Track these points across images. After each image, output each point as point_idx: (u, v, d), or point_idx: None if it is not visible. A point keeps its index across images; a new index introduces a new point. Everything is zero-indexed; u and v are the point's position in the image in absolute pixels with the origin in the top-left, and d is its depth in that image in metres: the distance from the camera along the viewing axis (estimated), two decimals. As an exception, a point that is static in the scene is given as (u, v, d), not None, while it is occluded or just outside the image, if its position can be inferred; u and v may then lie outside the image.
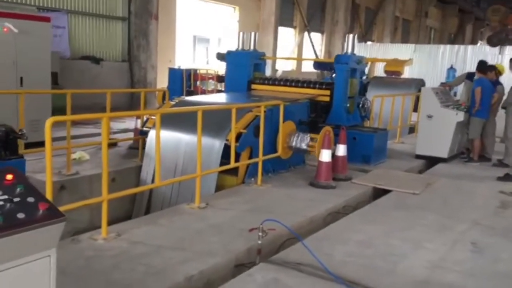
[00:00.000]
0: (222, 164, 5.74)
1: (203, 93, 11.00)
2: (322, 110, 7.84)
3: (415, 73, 20.65)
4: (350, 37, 8.07)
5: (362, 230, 4.64)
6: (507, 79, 8.59)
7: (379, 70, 15.39)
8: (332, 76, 8.50)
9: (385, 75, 13.13)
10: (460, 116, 8.05)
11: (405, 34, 33.06)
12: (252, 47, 8.61)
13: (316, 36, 24.38)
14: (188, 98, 7.63)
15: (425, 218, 5.13)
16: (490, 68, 8.45)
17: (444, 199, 5.92)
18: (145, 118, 7.31)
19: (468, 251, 4.25)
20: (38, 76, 7.84)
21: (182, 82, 10.93)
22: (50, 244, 1.97)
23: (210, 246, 3.99)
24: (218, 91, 10.82)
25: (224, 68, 8.99)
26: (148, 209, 6.21)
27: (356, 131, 7.66)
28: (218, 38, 18.59)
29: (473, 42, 37.36)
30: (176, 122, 6.12)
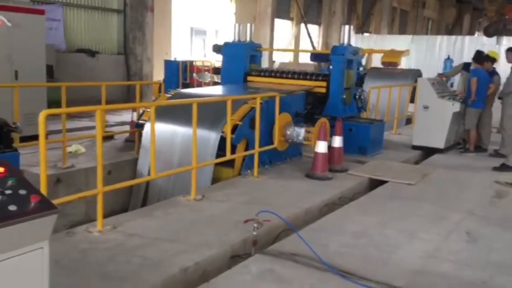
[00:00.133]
0: (218, 156, 5.75)
1: (199, 85, 10.96)
2: (319, 102, 7.83)
3: (413, 64, 20.64)
4: (346, 28, 8.02)
5: (357, 221, 4.65)
6: (504, 70, 8.55)
7: (377, 61, 15.36)
8: (329, 67, 8.48)
9: (382, 66, 13.11)
10: (456, 106, 8.05)
11: (402, 25, 32.99)
12: (248, 39, 8.58)
13: (313, 28, 24.29)
14: (183, 91, 7.61)
15: (420, 208, 5.15)
16: (486, 58, 8.43)
17: (439, 190, 5.93)
18: (141, 110, 7.29)
19: (462, 241, 4.27)
20: (33, 69, 7.80)
21: (178, 74, 10.90)
22: (42, 236, 1.98)
23: (205, 238, 4.00)
24: (215, 83, 10.78)
25: (220, 60, 8.96)
26: (144, 202, 6.22)
27: (352, 122, 7.67)
28: (215, 30, 18.51)
29: (470, 33, 37.28)
30: (172, 114, 6.11)
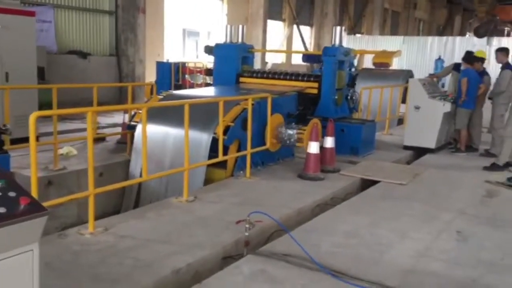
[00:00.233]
0: (210, 157, 5.75)
1: (192, 86, 10.95)
2: (310, 103, 7.86)
3: (404, 64, 20.75)
4: (338, 29, 8.05)
5: (349, 221, 4.68)
6: (494, 70, 8.64)
7: (368, 62, 15.45)
8: (321, 68, 8.52)
9: (373, 67, 13.17)
10: (447, 107, 8.11)
11: (394, 26, 33.16)
12: (240, 40, 8.59)
13: (305, 29, 24.35)
14: (175, 92, 7.61)
15: (412, 208, 5.18)
16: (476, 58, 8.49)
17: (431, 189, 5.98)
18: (133, 112, 7.28)
19: (453, 240, 4.31)
20: (24, 71, 7.75)
21: (170, 76, 10.87)
22: (32, 238, 1.97)
23: (198, 239, 4.00)
24: (207, 85, 10.78)
25: (213, 61, 8.95)
26: (137, 203, 6.20)
27: (344, 123, 7.70)
28: (208, 31, 18.50)
29: (461, 34, 37.55)
30: (163, 116, 6.10)
